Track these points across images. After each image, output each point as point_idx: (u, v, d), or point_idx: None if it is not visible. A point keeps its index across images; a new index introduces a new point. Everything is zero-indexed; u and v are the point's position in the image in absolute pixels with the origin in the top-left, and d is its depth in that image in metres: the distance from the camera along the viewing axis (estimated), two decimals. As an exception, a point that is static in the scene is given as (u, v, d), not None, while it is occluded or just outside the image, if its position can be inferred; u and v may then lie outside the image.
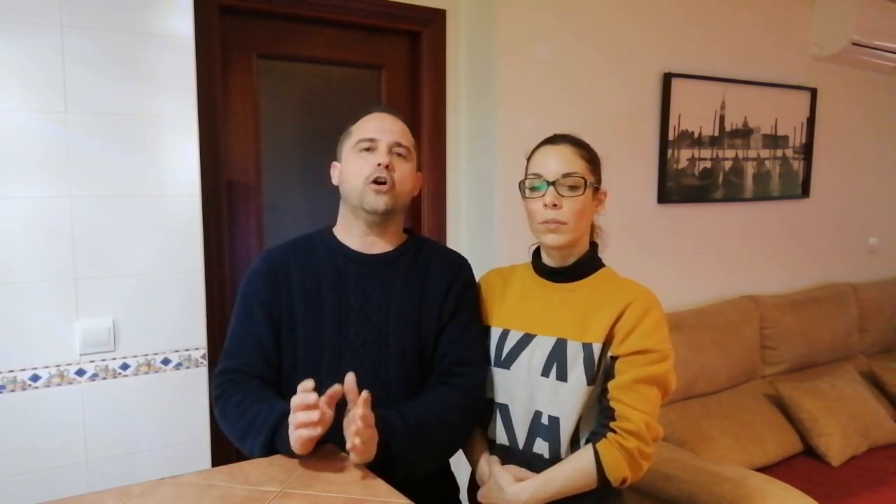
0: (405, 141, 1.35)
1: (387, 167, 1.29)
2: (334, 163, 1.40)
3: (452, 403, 1.30)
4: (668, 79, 2.70)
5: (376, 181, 1.29)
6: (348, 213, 1.37)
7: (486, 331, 1.42)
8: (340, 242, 1.37)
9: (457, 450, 1.41)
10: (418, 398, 1.31)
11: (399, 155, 1.33)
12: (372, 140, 1.31)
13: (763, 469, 2.32)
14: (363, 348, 1.31)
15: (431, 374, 1.35)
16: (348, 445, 1.13)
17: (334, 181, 1.39)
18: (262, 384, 1.30)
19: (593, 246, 1.41)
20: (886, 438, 2.69)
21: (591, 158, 1.35)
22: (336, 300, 1.32)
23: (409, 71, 2.41)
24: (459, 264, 1.43)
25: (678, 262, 2.85)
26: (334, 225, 1.42)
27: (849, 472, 2.48)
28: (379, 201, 1.30)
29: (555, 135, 1.38)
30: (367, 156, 1.31)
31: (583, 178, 1.30)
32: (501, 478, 1.31)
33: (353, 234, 1.36)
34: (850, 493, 2.30)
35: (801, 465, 2.53)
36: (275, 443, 1.19)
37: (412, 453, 1.23)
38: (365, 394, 1.11)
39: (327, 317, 1.31)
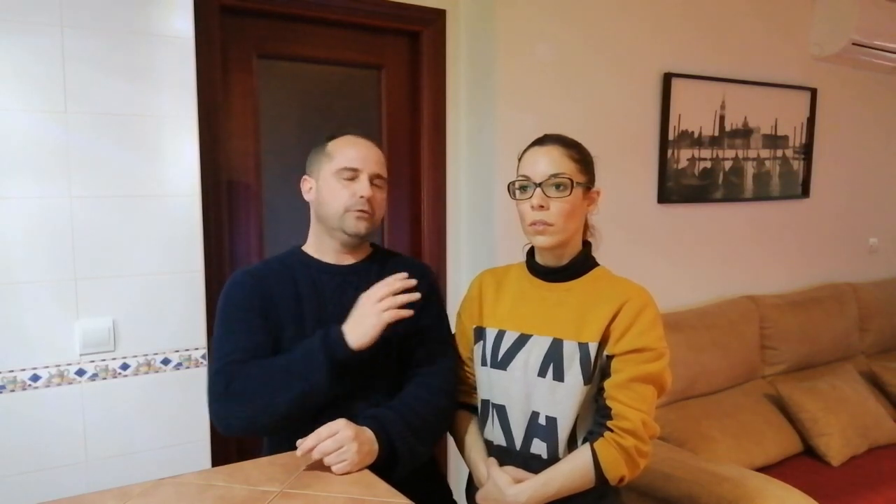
0: (383, 172, 1.43)
1: (368, 200, 1.37)
2: (305, 177, 1.45)
3: (432, 387, 1.38)
4: (668, 79, 2.70)
5: (360, 211, 1.37)
6: (322, 232, 1.43)
7: (481, 332, 1.42)
8: (314, 258, 1.44)
9: (445, 431, 1.46)
10: (400, 394, 1.37)
11: (377, 186, 1.41)
12: (354, 170, 1.38)
13: (763, 469, 2.32)
14: None
15: (407, 371, 1.41)
16: (338, 469, 1.18)
17: (306, 196, 1.45)
18: None
19: (586, 245, 1.41)
20: (886, 438, 2.69)
21: (582, 158, 1.35)
22: (316, 310, 1.38)
23: (409, 71, 2.41)
24: (423, 270, 1.52)
25: (678, 262, 2.85)
26: (303, 244, 1.48)
27: (849, 472, 2.47)
28: (360, 226, 1.38)
29: (544, 135, 1.38)
30: (348, 184, 1.38)
31: (570, 178, 1.30)
32: (500, 479, 1.31)
33: (325, 250, 1.44)
34: (850, 493, 2.30)
35: (801, 465, 2.52)
36: (335, 353, 1.24)
37: (411, 441, 1.29)
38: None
39: (309, 325, 1.36)
